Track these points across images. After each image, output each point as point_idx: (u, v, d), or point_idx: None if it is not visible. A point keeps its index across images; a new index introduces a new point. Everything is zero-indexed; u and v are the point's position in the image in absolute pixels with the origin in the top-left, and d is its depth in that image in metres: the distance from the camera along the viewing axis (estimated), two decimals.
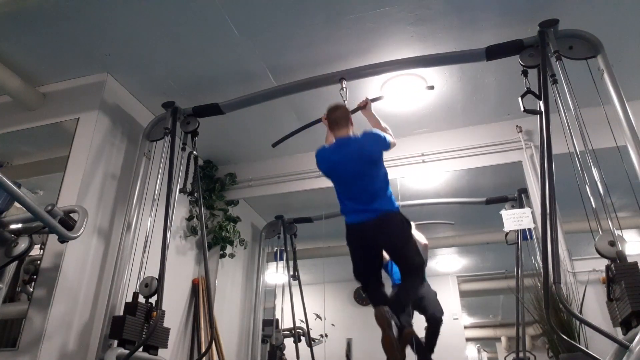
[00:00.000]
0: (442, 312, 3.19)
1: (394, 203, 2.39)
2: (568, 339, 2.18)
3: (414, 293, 2.36)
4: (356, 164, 2.38)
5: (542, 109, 2.30)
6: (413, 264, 2.33)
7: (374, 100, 2.84)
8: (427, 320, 3.16)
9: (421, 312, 3.20)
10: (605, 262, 1.93)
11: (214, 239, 3.96)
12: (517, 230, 3.29)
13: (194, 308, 3.68)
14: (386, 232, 2.33)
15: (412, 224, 3.70)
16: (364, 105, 2.76)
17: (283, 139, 3.03)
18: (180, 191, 3.03)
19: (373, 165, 2.40)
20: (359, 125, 2.84)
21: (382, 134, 2.49)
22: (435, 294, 3.31)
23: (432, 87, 3.05)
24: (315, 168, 3.82)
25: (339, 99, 2.80)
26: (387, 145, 2.48)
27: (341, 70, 2.86)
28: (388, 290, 2.50)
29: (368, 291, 2.44)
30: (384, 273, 2.57)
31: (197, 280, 3.76)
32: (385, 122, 2.65)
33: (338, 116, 2.53)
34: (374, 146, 2.43)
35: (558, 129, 2.24)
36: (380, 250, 2.43)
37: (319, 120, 2.86)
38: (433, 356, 3.39)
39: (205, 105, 3.09)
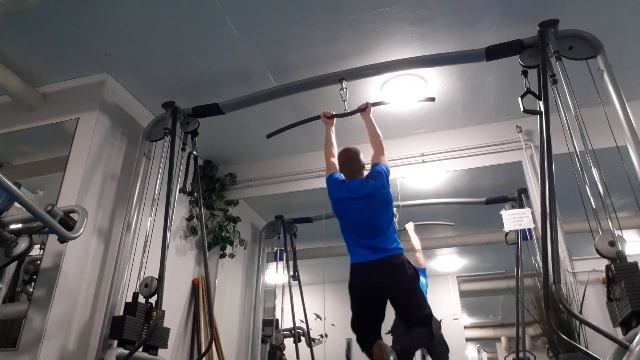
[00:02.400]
0: (446, 355, 3.08)
1: (399, 246, 2.36)
2: (568, 339, 2.18)
3: (421, 345, 2.29)
4: (369, 208, 2.37)
5: (542, 109, 2.30)
6: (421, 316, 2.24)
7: (375, 104, 2.84)
8: None
9: (428, 352, 3.14)
10: (605, 262, 1.93)
11: (214, 239, 3.95)
12: (517, 230, 3.29)
13: (194, 308, 3.68)
14: (394, 275, 2.25)
15: (412, 224, 3.73)
16: (364, 109, 2.76)
17: (278, 131, 3.04)
18: (180, 191, 3.03)
19: (384, 208, 2.40)
20: (357, 127, 2.85)
21: (384, 167, 2.49)
22: (441, 336, 3.19)
23: (432, 99, 3.02)
24: (315, 168, 3.88)
25: (339, 99, 2.80)
26: (388, 173, 2.51)
27: (341, 70, 2.86)
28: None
29: (365, 345, 2.25)
30: None
31: (197, 280, 3.76)
32: (385, 122, 2.65)
33: (347, 165, 2.53)
34: (383, 187, 2.42)
35: (558, 129, 2.24)
36: (385, 300, 2.31)
37: (317, 117, 2.86)
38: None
39: (205, 106, 3.09)
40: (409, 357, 2.19)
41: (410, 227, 3.75)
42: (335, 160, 2.62)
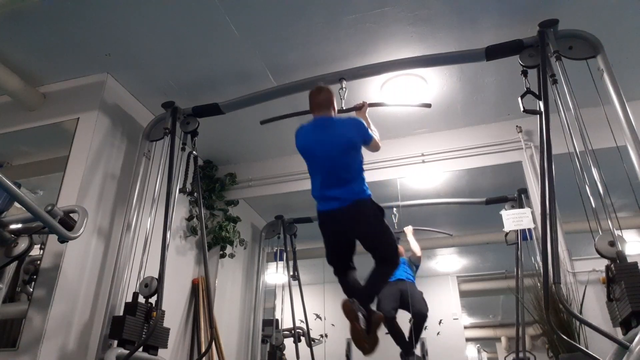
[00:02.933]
0: (427, 309, 3.31)
1: (366, 190, 2.35)
2: (568, 339, 2.17)
3: (384, 282, 2.33)
4: (333, 147, 2.33)
5: (542, 109, 2.30)
6: (385, 252, 2.31)
7: (372, 105, 2.83)
8: (413, 316, 3.26)
9: (407, 308, 3.30)
10: (605, 262, 1.93)
11: (213, 239, 3.95)
12: (517, 230, 3.29)
13: (194, 308, 3.68)
14: (357, 221, 2.31)
15: (411, 228, 3.74)
16: (360, 107, 2.76)
17: (273, 119, 3.04)
18: (180, 191, 3.03)
19: (350, 150, 2.35)
20: None
21: (363, 124, 2.46)
22: (421, 293, 3.42)
23: (428, 105, 3.03)
24: None
25: (338, 98, 2.80)
26: (369, 138, 2.46)
27: (341, 70, 2.86)
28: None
29: (339, 277, 2.44)
30: None
31: (197, 280, 3.76)
32: (385, 122, 2.65)
33: (321, 98, 2.47)
34: (355, 132, 2.39)
35: (558, 129, 2.24)
36: (351, 238, 2.42)
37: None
38: (433, 356, 3.40)
39: (205, 105, 3.09)
40: (375, 292, 2.32)
41: (409, 231, 3.76)
42: None
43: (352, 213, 2.30)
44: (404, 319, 3.35)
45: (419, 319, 3.28)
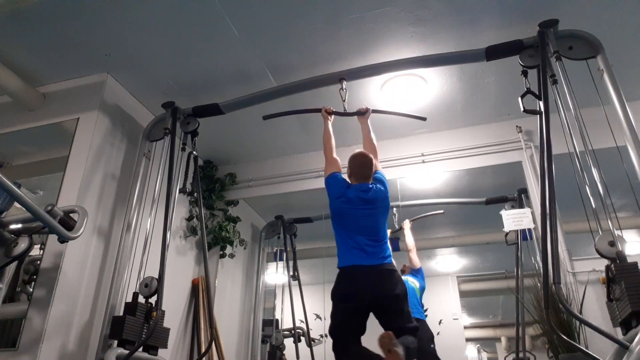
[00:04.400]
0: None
1: (391, 256, 2.35)
2: (568, 339, 2.18)
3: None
4: (367, 210, 2.37)
5: (542, 109, 2.30)
6: (411, 326, 2.18)
7: (376, 112, 2.85)
8: None
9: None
10: (605, 262, 1.93)
11: (213, 239, 3.95)
12: (517, 231, 3.29)
13: (194, 308, 3.68)
14: (389, 284, 2.21)
15: (408, 222, 3.72)
16: (364, 113, 2.79)
17: (276, 115, 3.02)
18: (180, 191, 3.03)
19: (387, 213, 2.44)
20: (358, 128, 2.85)
21: (384, 175, 2.53)
22: (430, 336, 3.22)
23: (424, 119, 3.06)
24: (315, 168, 3.87)
25: (338, 99, 2.80)
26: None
27: (341, 70, 2.86)
28: None
29: (350, 351, 2.17)
30: None
31: (197, 280, 3.76)
32: (385, 122, 2.65)
33: (359, 169, 2.48)
34: (387, 194, 2.45)
35: (558, 129, 2.24)
36: (371, 309, 2.24)
37: (317, 110, 2.85)
38: None
39: (205, 106, 3.09)
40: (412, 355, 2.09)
41: (407, 225, 3.75)
42: (336, 156, 2.61)
43: (386, 271, 2.25)
44: None
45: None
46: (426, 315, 3.67)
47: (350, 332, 2.22)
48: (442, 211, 3.82)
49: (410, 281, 3.49)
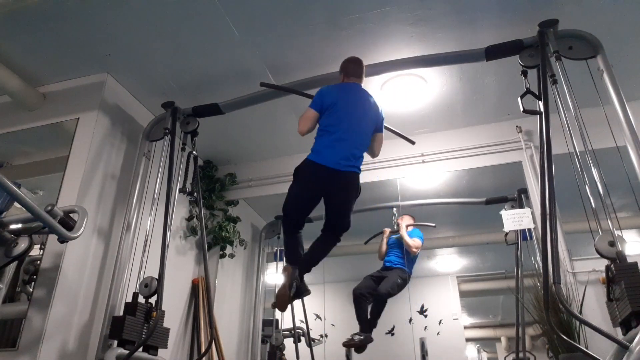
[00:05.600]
0: (389, 292, 3.43)
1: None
2: (568, 339, 2.18)
3: (325, 255, 2.49)
4: (365, 115, 2.48)
5: (542, 109, 2.30)
6: (345, 225, 2.44)
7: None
8: (374, 297, 3.45)
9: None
10: (605, 262, 1.93)
11: (213, 239, 3.96)
12: (517, 231, 3.29)
13: (194, 308, 3.68)
14: (347, 189, 2.40)
15: (405, 220, 3.74)
16: None
17: (274, 86, 2.99)
18: (180, 191, 3.03)
19: (372, 126, 2.51)
20: None
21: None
22: (398, 277, 3.53)
23: (412, 142, 3.15)
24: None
25: None
26: (381, 129, 2.60)
27: None
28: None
29: (292, 232, 2.49)
30: None
31: (197, 280, 3.76)
32: (385, 122, 2.66)
33: (361, 68, 2.60)
34: (380, 115, 2.56)
35: (558, 129, 2.24)
36: (325, 199, 2.45)
37: (311, 96, 2.82)
38: (433, 356, 3.40)
39: (205, 105, 3.09)
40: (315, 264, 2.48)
41: (403, 226, 3.75)
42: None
43: (350, 179, 2.39)
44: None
45: (377, 299, 3.39)
46: (426, 316, 3.71)
47: (303, 215, 2.50)
48: (434, 225, 3.88)
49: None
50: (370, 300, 3.43)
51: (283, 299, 2.38)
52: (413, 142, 3.11)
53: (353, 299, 3.46)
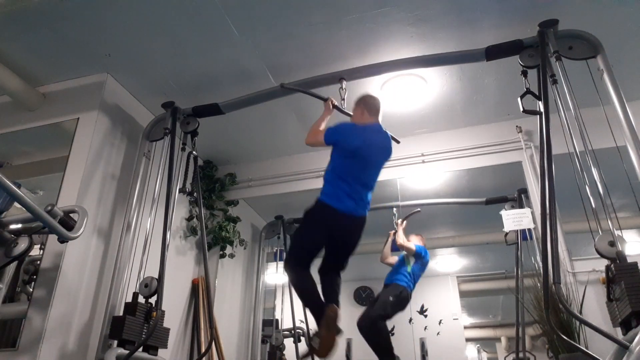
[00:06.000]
0: (379, 315, 3.22)
1: None
2: (568, 339, 2.18)
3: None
4: (382, 162, 2.49)
5: (542, 110, 2.30)
6: (345, 265, 2.46)
7: (336, 108, 2.79)
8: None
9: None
10: (605, 262, 1.93)
11: (213, 239, 3.95)
12: (517, 231, 3.29)
13: (194, 308, 3.68)
14: (356, 233, 2.40)
15: (401, 223, 3.72)
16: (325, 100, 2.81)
17: (295, 89, 2.92)
18: (180, 191, 3.03)
19: (383, 164, 2.51)
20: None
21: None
22: (391, 293, 3.36)
23: (397, 141, 3.03)
24: (315, 168, 3.86)
25: (338, 99, 2.80)
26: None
27: (341, 70, 2.86)
28: None
29: (303, 275, 2.37)
30: None
31: (197, 280, 3.76)
32: (385, 122, 2.65)
33: (377, 104, 2.57)
34: (391, 149, 2.55)
35: (558, 129, 2.24)
36: (339, 243, 2.43)
37: (325, 99, 2.79)
38: (433, 356, 3.39)
39: (205, 105, 3.09)
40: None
41: (401, 224, 3.74)
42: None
43: (362, 222, 2.40)
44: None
45: (370, 325, 3.17)
46: (426, 316, 3.69)
47: (311, 256, 2.41)
48: (419, 209, 3.81)
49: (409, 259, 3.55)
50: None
51: (331, 344, 2.13)
52: (398, 142, 3.02)
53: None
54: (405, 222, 3.72)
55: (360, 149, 2.39)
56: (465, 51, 2.70)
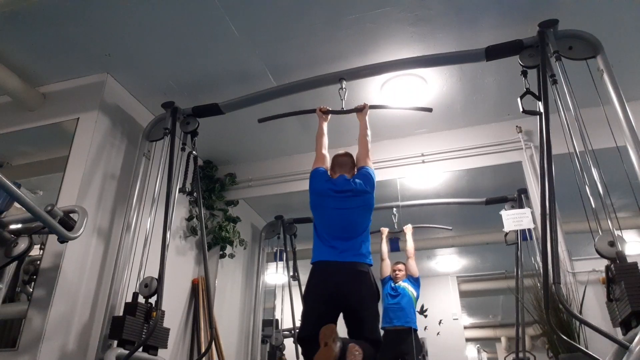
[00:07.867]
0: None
1: (368, 256, 2.28)
2: (568, 339, 2.18)
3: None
4: (347, 202, 2.33)
5: (542, 110, 2.30)
6: (372, 338, 2.08)
7: (373, 107, 2.83)
8: None
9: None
10: (605, 262, 1.93)
11: (213, 239, 3.95)
12: (517, 231, 3.29)
13: (194, 308, 3.68)
14: (354, 285, 2.14)
15: (410, 227, 3.69)
16: (362, 109, 2.76)
17: (271, 118, 3.02)
18: (180, 191, 3.03)
19: (367, 211, 2.38)
20: (357, 128, 2.85)
21: (371, 171, 2.48)
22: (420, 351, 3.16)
23: (430, 110, 2.99)
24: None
25: (338, 99, 2.80)
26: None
27: (341, 70, 2.86)
28: None
29: (312, 350, 2.00)
30: None
31: (197, 280, 3.76)
32: (385, 122, 2.66)
33: (340, 160, 2.54)
34: (372, 191, 2.41)
35: (558, 130, 2.24)
36: (341, 309, 2.15)
37: (312, 111, 2.85)
38: (433, 356, 3.39)
39: (205, 106, 3.09)
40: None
41: (409, 229, 3.74)
42: (325, 152, 2.61)
43: (352, 272, 2.17)
44: None
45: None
46: (426, 316, 3.68)
47: (317, 324, 2.03)
48: (450, 227, 3.79)
49: (410, 290, 3.49)
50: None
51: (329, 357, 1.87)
52: (430, 110, 2.92)
53: None
54: (413, 229, 3.70)
55: (322, 195, 2.37)
56: (465, 51, 2.70)
